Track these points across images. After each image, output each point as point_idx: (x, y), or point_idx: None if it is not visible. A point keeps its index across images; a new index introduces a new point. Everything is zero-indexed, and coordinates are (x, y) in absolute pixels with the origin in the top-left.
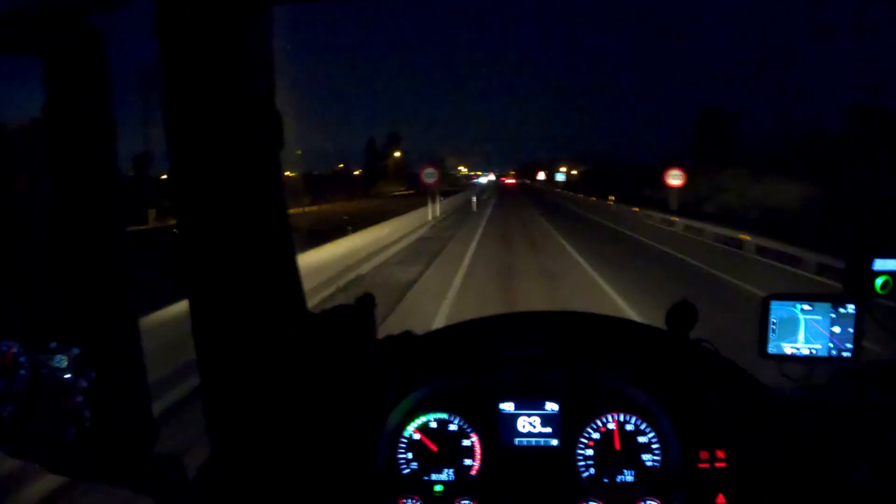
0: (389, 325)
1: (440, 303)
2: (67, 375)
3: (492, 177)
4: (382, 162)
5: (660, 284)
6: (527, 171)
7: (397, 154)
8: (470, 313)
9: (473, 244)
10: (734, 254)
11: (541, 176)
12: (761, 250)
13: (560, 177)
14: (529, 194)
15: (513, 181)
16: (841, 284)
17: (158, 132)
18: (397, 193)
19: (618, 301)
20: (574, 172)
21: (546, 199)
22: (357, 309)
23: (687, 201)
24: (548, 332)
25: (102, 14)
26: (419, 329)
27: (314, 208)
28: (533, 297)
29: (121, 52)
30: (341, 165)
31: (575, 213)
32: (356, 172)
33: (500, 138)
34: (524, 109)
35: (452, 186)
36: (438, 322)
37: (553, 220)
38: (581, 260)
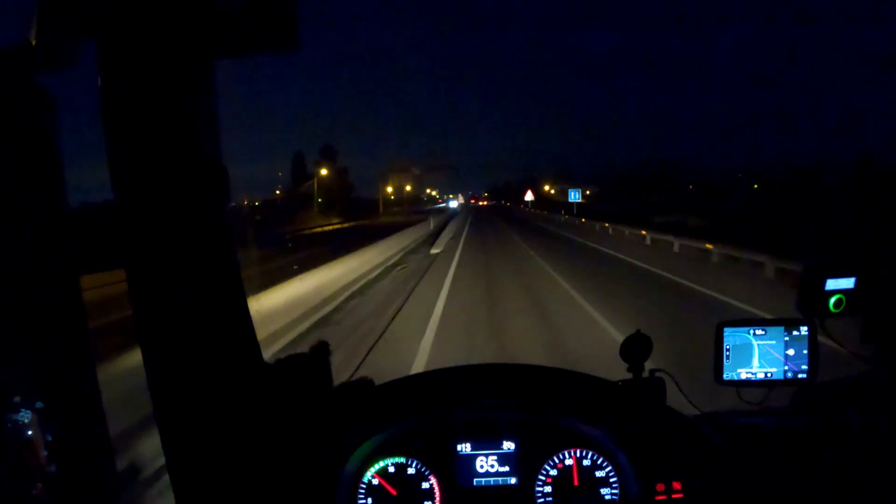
0: None
1: None
2: (30, 432)
3: (461, 200)
4: (309, 182)
5: None
6: (503, 192)
7: (324, 172)
8: None
9: None
10: None
11: (529, 196)
12: None
13: (574, 196)
14: (529, 232)
15: (484, 203)
16: None
17: None
18: (328, 227)
19: None
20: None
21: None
22: (312, 357)
23: None
24: (503, 383)
25: (50, 73)
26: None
27: None
28: None
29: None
30: (279, 192)
31: None
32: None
33: (470, 158)
34: (496, 121)
35: (414, 214)
36: None
37: None
38: None
